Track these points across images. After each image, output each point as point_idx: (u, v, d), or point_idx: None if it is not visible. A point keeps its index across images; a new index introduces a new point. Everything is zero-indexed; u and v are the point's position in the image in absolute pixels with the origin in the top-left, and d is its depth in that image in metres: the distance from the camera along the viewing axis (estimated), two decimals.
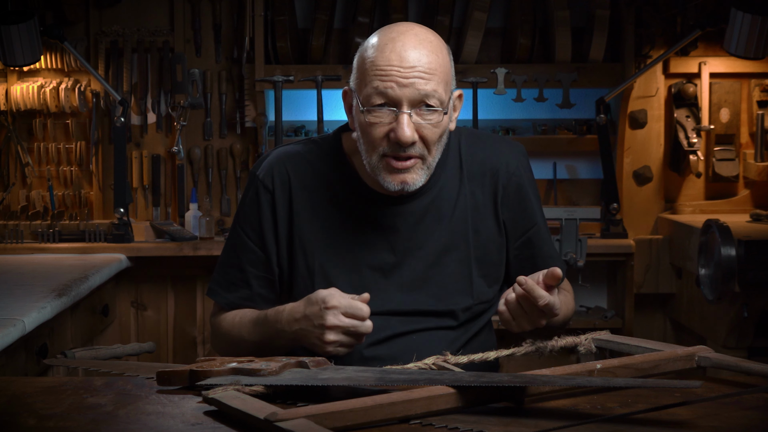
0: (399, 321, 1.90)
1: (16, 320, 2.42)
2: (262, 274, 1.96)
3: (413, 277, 1.91)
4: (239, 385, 1.51)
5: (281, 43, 3.91)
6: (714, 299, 3.29)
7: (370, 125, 1.80)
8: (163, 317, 3.98)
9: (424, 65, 1.77)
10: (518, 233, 1.99)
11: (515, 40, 3.98)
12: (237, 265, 1.97)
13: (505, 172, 1.97)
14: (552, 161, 4.11)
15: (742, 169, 4.04)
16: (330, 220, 1.92)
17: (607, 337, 1.79)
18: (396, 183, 1.83)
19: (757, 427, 1.41)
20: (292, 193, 1.94)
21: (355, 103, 1.84)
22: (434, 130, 1.80)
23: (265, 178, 1.96)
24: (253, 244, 1.96)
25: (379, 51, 1.79)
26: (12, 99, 3.97)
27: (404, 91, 1.77)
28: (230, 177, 4.14)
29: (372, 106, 1.79)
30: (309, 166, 1.96)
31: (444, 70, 1.80)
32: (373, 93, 1.78)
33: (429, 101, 1.78)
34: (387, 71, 1.77)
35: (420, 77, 1.77)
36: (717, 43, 3.88)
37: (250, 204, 1.97)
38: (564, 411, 1.46)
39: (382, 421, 1.38)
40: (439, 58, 1.80)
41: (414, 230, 1.91)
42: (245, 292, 1.97)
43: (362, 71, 1.82)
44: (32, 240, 3.86)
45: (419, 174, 1.83)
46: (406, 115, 1.77)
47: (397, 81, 1.76)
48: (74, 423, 1.42)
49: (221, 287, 1.99)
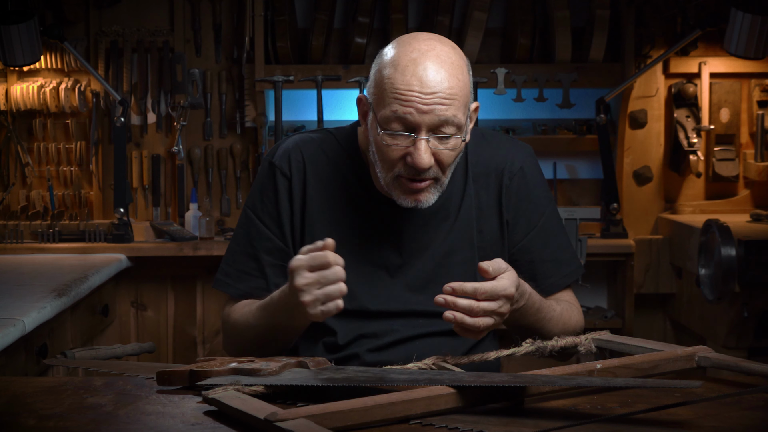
0: (402, 323, 1.89)
1: (16, 320, 2.42)
2: (278, 263, 1.91)
3: (418, 278, 1.91)
4: (239, 385, 1.51)
5: (281, 43, 3.91)
6: (714, 299, 3.29)
7: (387, 147, 1.77)
8: (163, 317, 3.98)
9: (445, 90, 1.73)
10: (520, 235, 1.97)
11: (515, 40, 3.98)
12: (251, 254, 1.92)
13: (508, 171, 1.96)
14: (552, 161, 4.11)
15: (742, 169, 4.04)
16: (339, 213, 1.91)
17: (607, 337, 1.79)
18: (409, 201, 1.81)
19: (757, 427, 1.41)
20: (307, 181, 1.92)
21: (370, 118, 1.81)
22: (451, 154, 1.78)
23: (282, 164, 1.93)
24: (269, 231, 1.92)
25: (399, 72, 1.74)
26: (12, 99, 3.97)
27: (424, 118, 1.73)
28: (230, 177, 4.14)
29: (389, 129, 1.75)
30: (324, 155, 1.94)
31: (464, 93, 1.77)
32: (392, 117, 1.74)
33: (448, 126, 1.75)
34: (407, 96, 1.73)
35: (441, 103, 1.73)
36: (717, 43, 3.88)
37: (266, 191, 1.93)
38: (564, 411, 1.46)
39: (382, 421, 1.38)
40: (460, 81, 1.76)
41: (420, 231, 1.91)
42: (260, 282, 1.91)
43: (381, 89, 1.77)
44: (32, 240, 3.86)
45: (432, 193, 1.82)
46: (423, 141, 1.74)
47: (417, 107, 1.72)
48: (74, 423, 1.42)
49: (231, 278, 1.94)
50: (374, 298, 1.89)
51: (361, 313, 1.89)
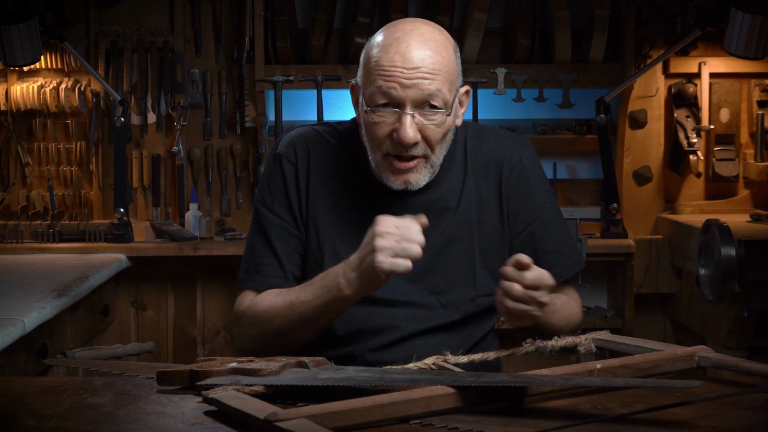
0: (402, 314, 1.89)
1: (16, 320, 2.42)
2: (292, 251, 1.92)
3: (417, 268, 1.90)
4: (239, 385, 1.51)
5: (281, 43, 3.91)
6: (714, 299, 3.29)
7: (374, 124, 1.81)
8: (163, 317, 3.98)
9: (428, 65, 1.77)
10: (521, 227, 1.98)
11: (515, 40, 3.98)
12: (266, 245, 1.93)
13: (508, 163, 1.97)
14: (552, 161, 4.11)
15: (742, 169, 4.04)
16: (340, 203, 1.93)
17: (607, 337, 1.79)
18: (399, 182, 1.84)
19: (757, 427, 1.41)
20: (311, 170, 1.95)
21: (360, 101, 1.85)
22: (437, 130, 1.81)
23: (288, 153, 1.96)
24: (281, 220, 1.93)
25: (383, 50, 1.79)
26: (12, 99, 3.97)
27: (407, 92, 1.77)
28: (230, 177, 4.14)
29: (375, 106, 1.80)
30: (327, 146, 1.97)
31: (449, 70, 1.80)
32: (377, 92, 1.79)
33: (433, 101, 1.78)
34: (390, 71, 1.77)
35: (424, 78, 1.77)
36: (717, 43, 3.88)
37: (274, 179, 1.95)
38: (564, 411, 1.46)
39: (382, 421, 1.38)
40: (444, 58, 1.80)
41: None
42: (276, 271, 1.91)
43: (367, 69, 1.82)
44: (32, 240, 3.86)
45: (422, 173, 1.84)
46: (408, 116, 1.78)
47: (401, 82, 1.77)
48: (74, 423, 1.42)
49: (251, 273, 1.93)
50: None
51: (360, 301, 1.88)
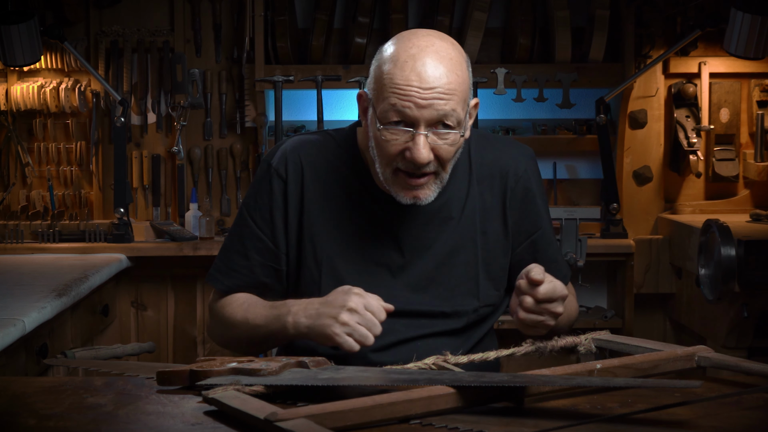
0: (404, 323, 1.89)
1: (16, 320, 2.42)
2: (267, 263, 1.94)
3: (420, 278, 1.91)
4: (239, 385, 1.51)
5: (281, 43, 3.91)
6: (714, 299, 3.29)
7: (386, 141, 1.78)
8: (163, 317, 3.98)
9: (443, 85, 1.74)
10: (523, 237, 1.98)
11: (515, 40, 3.98)
12: (241, 251, 1.95)
13: (513, 174, 1.97)
14: (552, 161, 4.11)
15: (742, 169, 4.04)
16: (340, 214, 1.92)
17: (607, 337, 1.79)
18: (409, 198, 1.82)
19: (757, 427, 1.41)
20: (305, 183, 1.93)
21: (370, 114, 1.82)
22: (450, 149, 1.79)
23: (279, 166, 1.94)
24: (261, 232, 1.94)
25: (398, 67, 1.75)
26: (12, 99, 3.97)
27: (422, 112, 1.74)
28: (230, 177, 4.14)
29: (388, 124, 1.76)
30: (323, 157, 1.95)
31: (463, 88, 1.78)
32: (390, 110, 1.75)
33: (447, 121, 1.76)
34: (406, 90, 1.74)
35: (439, 98, 1.74)
36: (717, 43, 3.87)
37: (261, 192, 1.95)
38: (564, 411, 1.46)
39: (382, 421, 1.38)
40: (459, 77, 1.76)
41: (422, 231, 1.91)
42: (247, 279, 1.94)
43: (380, 84, 1.78)
44: (32, 240, 3.86)
45: (432, 189, 1.83)
46: (422, 136, 1.75)
47: (416, 102, 1.73)
48: (74, 423, 1.42)
49: (221, 273, 1.97)
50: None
51: None
